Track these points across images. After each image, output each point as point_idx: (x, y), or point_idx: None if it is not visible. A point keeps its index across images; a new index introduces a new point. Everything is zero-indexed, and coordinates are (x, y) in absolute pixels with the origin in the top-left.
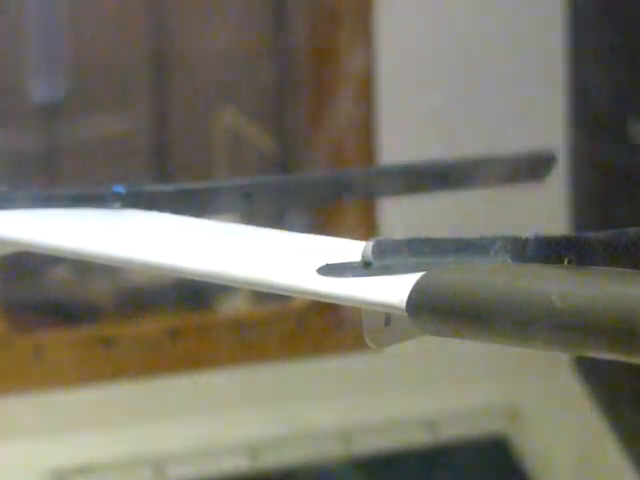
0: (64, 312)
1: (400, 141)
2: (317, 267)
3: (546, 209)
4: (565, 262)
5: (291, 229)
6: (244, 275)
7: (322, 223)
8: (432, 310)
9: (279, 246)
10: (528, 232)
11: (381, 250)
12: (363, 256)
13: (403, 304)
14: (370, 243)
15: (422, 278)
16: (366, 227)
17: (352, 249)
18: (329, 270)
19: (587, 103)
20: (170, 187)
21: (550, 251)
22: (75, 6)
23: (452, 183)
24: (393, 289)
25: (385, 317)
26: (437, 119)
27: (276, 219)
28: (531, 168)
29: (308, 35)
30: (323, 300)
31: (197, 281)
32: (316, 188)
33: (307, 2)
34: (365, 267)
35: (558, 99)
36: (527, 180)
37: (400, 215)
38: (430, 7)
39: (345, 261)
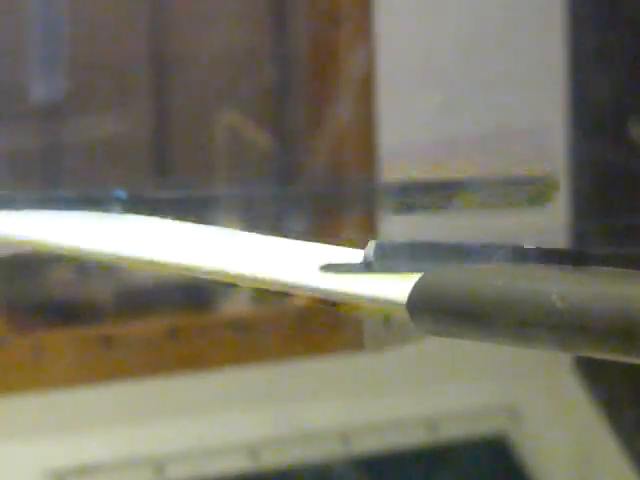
0: (64, 312)
1: (400, 141)
2: (319, 266)
3: (546, 209)
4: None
5: (291, 238)
6: (246, 272)
7: (322, 234)
8: (432, 310)
9: (281, 249)
10: (528, 235)
11: (382, 252)
12: (365, 257)
13: (404, 302)
14: (372, 245)
15: (423, 278)
16: (365, 239)
17: (352, 256)
18: (331, 268)
19: (587, 103)
20: (172, 194)
21: (550, 262)
22: (75, 6)
23: (453, 203)
24: (394, 287)
25: (385, 321)
26: (437, 119)
27: (276, 228)
28: (533, 192)
29: (308, 35)
30: (324, 297)
31: (197, 281)
32: (317, 200)
33: (307, 2)
34: (366, 267)
35: (558, 99)
36: (528, 204)
37: (399, 228)
38: (430, 7)
39: (347, 262)
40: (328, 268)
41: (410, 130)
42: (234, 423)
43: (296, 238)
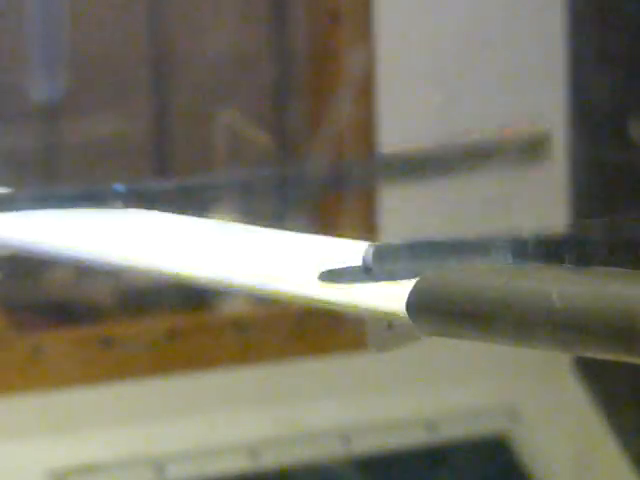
0: (64, 312)
1: (400, 141)
2: (318, 273)
3: (546, 209)
4: (565, 261)
5: (292, 223)
6: (245, 282)
7: (323, 218)
8: (432, 311)
9: (279, 249)
10: (528, 232)
11: (381, 255)
12: (363, 262)
13: (403, 308)
14: (370, 248)
15: (421, 279)
16: (366, 222)
17: (353, 250)
18: (330, 276)
19: (587, 103)
20: (170, 184)
21: (550, 251)
22: (75, 6)
23: (448, 167)
24: (393, 294)
25: (387, 322)
26: (437, 119)
27: (277, 213)
28: (527, 148)
29: (308, 35)
30: (324, 307)
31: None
32: (316, 180)
33: (307, 2)
34: (366, 273)
35: (558, 99)
36: (524, 160)
37: (400, 210)
38: (430, 7)
39: (346, 266)
40: (327, 276)
41: (410, 130)
42: (234, 423)
43: (296, 224)
